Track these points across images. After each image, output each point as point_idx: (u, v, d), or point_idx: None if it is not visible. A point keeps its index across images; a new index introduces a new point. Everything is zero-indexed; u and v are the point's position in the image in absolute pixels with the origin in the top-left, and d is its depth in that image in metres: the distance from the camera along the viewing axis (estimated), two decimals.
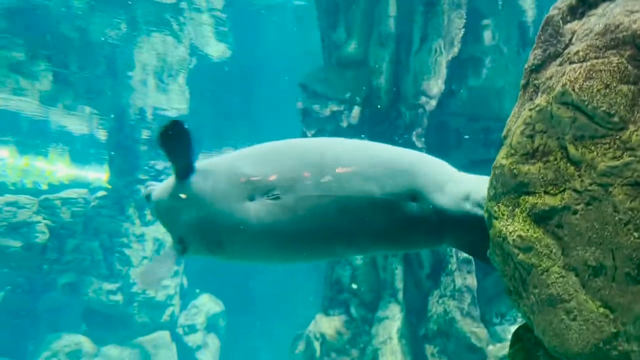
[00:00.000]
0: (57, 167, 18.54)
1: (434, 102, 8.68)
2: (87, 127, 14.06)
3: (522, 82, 2.84)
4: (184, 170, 3.43)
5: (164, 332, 13.25)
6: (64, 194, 14.15)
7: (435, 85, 8.60)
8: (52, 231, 13.38)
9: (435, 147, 8.99)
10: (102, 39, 10.42)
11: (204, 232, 3.41)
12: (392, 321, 8.44)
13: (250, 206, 3.22)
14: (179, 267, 13.73)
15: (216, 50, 12.04)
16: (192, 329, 14.02)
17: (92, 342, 12.68)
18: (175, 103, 13.40)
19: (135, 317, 12.99)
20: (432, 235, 3.23)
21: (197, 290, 14.67)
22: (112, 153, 13.83)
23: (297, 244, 3.32)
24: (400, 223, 3.17)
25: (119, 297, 12.92)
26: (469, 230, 3.10)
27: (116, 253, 13.16)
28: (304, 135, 9.16)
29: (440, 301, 8.40)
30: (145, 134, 13.69)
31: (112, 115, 13.19)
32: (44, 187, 16.97)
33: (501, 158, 2.65)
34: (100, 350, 12.68)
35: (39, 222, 13.24)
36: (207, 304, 14.53)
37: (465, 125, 9.03)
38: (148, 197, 3.86)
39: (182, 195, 3.40)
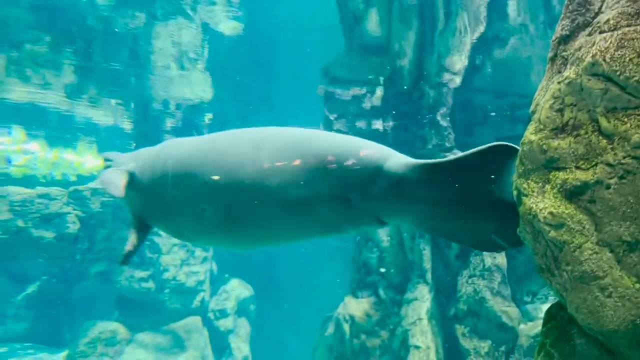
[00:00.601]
0: (85, 159, 18.86)
1: (457, 79, 8.53)
2: (112, 119, 14.24)
3: (550, 54, 2.76)
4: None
5: (196, 318, 13.46)
6: (93, 184, 14.41)
7: (459, 61, 8.44)
8: (83, 221, 13.65)
9: (461, 126, 8.87)
10: (124, 29, 10.50)
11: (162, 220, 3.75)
12: (421, 302, 8.42)
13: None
14: (207, 254, 13.89)
15: (228, 28, 12.02)
16: (223, 313, 14.22)
17: (126, 328, 12.96)
18: (198, 91, 13.45)
19: (166, 304, 13.21)
20: (368, 218, 3.25)
21: (226, 275, 14.84)
22: (136, 143, 13.99)
23: (241, 238, 3.48)
24: (335, 215, 3.22)
25: (150, 284, 13.16)
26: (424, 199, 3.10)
27: (146, 241, 13.35)
28: (327, 119, 9.11)
29: (470, 281, 8.33)
30: (169, 124, 13.81)
31: (132, 105, 13.32)
32: (73, 178, 17.29)
33: (530, 134, 2.59)
34: (134, 336, 12.96)
35: (70, 212, 13.52)
36: (237, 289, 14.69)
37: (490, 102, 8.86)
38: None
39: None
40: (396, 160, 3.20)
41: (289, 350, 15.08)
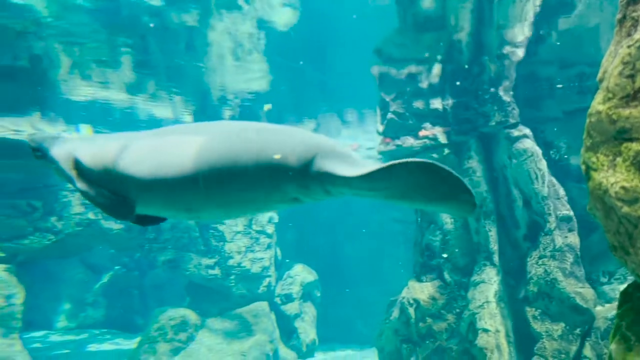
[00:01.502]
0: None
1: (520, 51, 8.13)
2: (171, 112, 14.58)
3: (618, 16, 2.53)
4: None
5: (263, 303, 13.69)
6: None
7: (521, 32, 8.03)
8: None
9: (525, 100, 8.47)
10: (179, 24, 10.65)
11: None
12: (488, 285, 8.16)
13: None
14: (271, 240, 14.06)
15: (283, 16, 11.96)
16: (288, 298, 14.39)
17: (196, 314, 13.37)
18: (255, 81, 13.53)
19: (233, 289, 13.51)
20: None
21: (287, 260, 14.98)
22: None
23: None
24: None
25: (217, 271, 13.48)
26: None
27: (210, 230, 13.69)
28: (383, 101, 8.91)
29: (540, 262, 8.00)
30: (227, 114, 13.99)
31: (189, 99, 13.55)
32: None
33: (597, 104, 2.38)
34: (204, 321, 13.34)
35: None
36: (301, 274, 14.82)
37: (557, 73, 8.40)
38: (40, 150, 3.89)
39: None
40: (325, 164, 3.17)
41: (355, 334, 15.10)
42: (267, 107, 14.23)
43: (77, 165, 3.67)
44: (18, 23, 9.61)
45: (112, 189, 3.57)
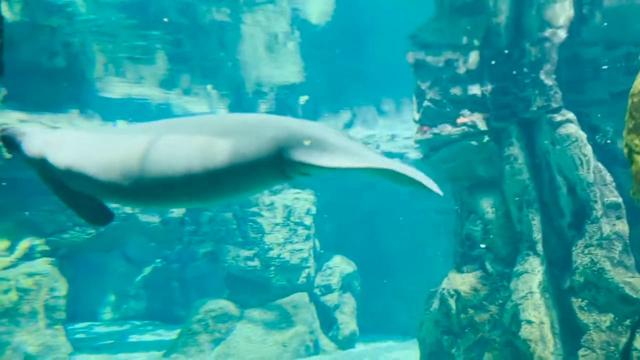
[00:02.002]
0: None
1: (562, 33, 7.81)
2: (207, 107, 14.72)
3: None
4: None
5: (302, 294, 13.73)
6: None
7: (563, 13, 7.70)
8: None
9: (568, 83, 8.16)
10: (211, 18, 10.69)
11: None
12: (532, 275, 7.93)
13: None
14: (310, 231, 14.06)
15: (318, 7, 11.86)
16: (328, 289, 14.38)
17: (236, 305, 13.50)
18: (290, 73, 13.50)
19: (272, 281, 13.58)
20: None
21: (326, 252, 14.94)
22: None
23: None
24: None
25: (256, 263, 13.57)
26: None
27: (249, 222, 13.78)
28: (419, 89, 8.72)
29: (586, 251, 7.71)
30: (263, 108, 14.02)
31: (224, 93, 13.63)
32: None
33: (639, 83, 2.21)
34: (244, 313, 13.47)
35: None
36: (340, 265, 14.78)
37: (602, 54, 8.04)
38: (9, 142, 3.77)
39: None
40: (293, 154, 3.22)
41: (396, 325, 15.00)
42: (303, 98, 14.21)
43: (44, 164, 3.52)
44: (54, 21, 9.81)
45: (78, 189, 3.50)
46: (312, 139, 3.19)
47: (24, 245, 12.55)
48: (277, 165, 3.21)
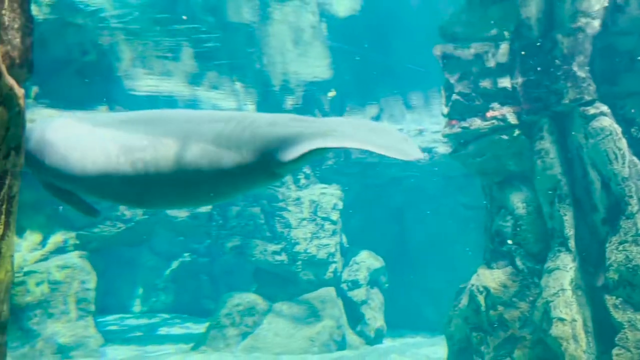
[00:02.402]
0: None
1: (596, 23, 7.58)
2: (234, 102, 14.78)
3: None
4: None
5: (330, 289, 13.72)
6: None
7: (597, 2, 7.47)
8: None
9: (602, 75, 7.92)
10: (238, 15, 10.72)
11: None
12: (563, 272, 7.75)
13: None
14: (336, 226, 14.03)
15: (344, 1, 11.80)
16: (355, 284, 14.34)
17: (263, 299, 13.58)
18: (317, 68, 13.46)
19: (300, 275, 13.60)
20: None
21: (353, 247, 14.88)
22: None
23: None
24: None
25: (283, 257, 13.61)
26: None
27: (276, 217, 13.82)
28: (447, 83, 8.58)
29: (621, 248, 7.50)
30: (290, 103, 14.01)
31: (252, 89, 13.65)
32: None
33: None
34: (272, 307, 13.53)
35: None
36: (367, 260, 14.72)
37: (638, 45, 7.78)
38: None
39: None
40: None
41: (425, 321, 14.88)
42: (331, 93, 14.15)
43: (29, 156, 3.49)
44: (81, 18, 9.96)
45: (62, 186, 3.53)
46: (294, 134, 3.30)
47: (56, 239, 12.84)
48: (265, 169, 3.31)
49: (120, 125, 3.51)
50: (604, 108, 7.68)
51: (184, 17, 10.22)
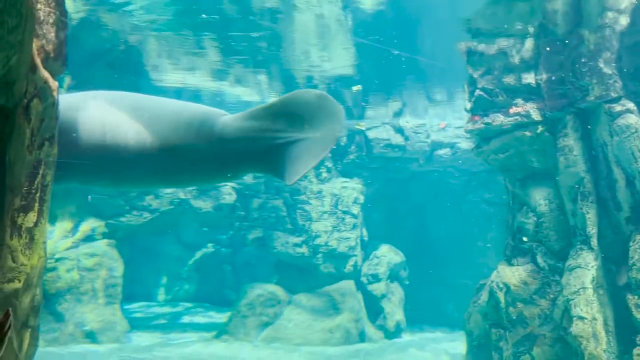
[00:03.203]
0: None
1: (624, 19, 7.48)
2: (258, 96, 14.89)
3: None
4: None
5: (349, 282, 13.80)
6: None
7: None
8: (238, 192, 14.62)
9: (630, 72, 7.82)
10: (262, 8, 10.80)
11: None
12: (585, 270, 7.71)
13: None
14: (357, 220, 14.08)
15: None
16: (375, 278, 14.38)
17: (284, 290, 13.73)
18: (341, 63, 13.47)
19: (320, 268, 13.71)
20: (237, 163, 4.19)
21: (369, 240, 14.91)
22: None
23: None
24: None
25: (304, 250, 13.73)
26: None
27: (298, 209, 13.93)
28: (471, 78, 8.55)
29: None
30: None
31: (275, 82, 13.73)
32: None
33: None
34: (292, 298, 13.67)
35: (225, 184, 14.58)
36: (388, 255, 14.73)
37: None
38: None
39: None
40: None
41: (445, 316, 14.87)
42: (356, 88, 14.15)
43: None
44: (112, 13, 10.16)
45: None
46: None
47: (85, 227, 13.20)
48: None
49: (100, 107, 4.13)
50: (631, 105, 7.59)
51: (204, 16, 10.38)
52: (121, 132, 3.84)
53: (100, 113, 3.96)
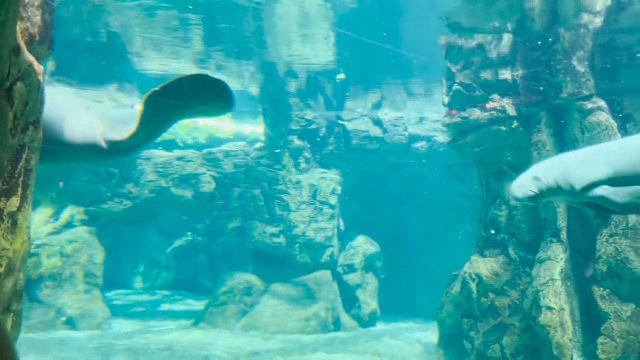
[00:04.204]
0: (223, 124, 20.09)
1: (598, 20, 7.68)
2: (240, 84, 14.84)
3: None
4: None
5: (325, 272, 13.92)
6: (225, 147, 15.28)
7: (600, 0, 7.55)
8: (218, 181, 14.63)
9: (602, 71, 8.03)
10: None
11: None
12: (554, 262, 7.93)
13: None
14: (334, 211, 14.19)
15: None
16: (350, 268, 14.53)
17: (261, 280, 13.80)
18: (322, 53, 13.48)
19: (297, 258, 13.81)
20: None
21: (346, 231, 15.05)
22: (266, 106, 14.48)
23: None
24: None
25: (281, 239, 13.80)
26: None
27: (276, 199, 13.97)
28: (449, 72, 8.68)
29: (611, 240, 7.67)
30: (293, 86, 14.08)
31: (257, 71, 13.71)
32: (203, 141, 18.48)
33: None
34: (268, 287, 13.76)
35: (204, 173, 14.56)
36: (363, 245, 14.89)
37: (637, 42, 7.89)
38: None
39: None
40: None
41: (418, 307, 15.09)
42: (340, 75, 14.19)
43: None
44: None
45: None
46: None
47: (66, 213, 13.09)
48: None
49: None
50: (602, 103, 7.80)
51: (190, 7, 10.32)
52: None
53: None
